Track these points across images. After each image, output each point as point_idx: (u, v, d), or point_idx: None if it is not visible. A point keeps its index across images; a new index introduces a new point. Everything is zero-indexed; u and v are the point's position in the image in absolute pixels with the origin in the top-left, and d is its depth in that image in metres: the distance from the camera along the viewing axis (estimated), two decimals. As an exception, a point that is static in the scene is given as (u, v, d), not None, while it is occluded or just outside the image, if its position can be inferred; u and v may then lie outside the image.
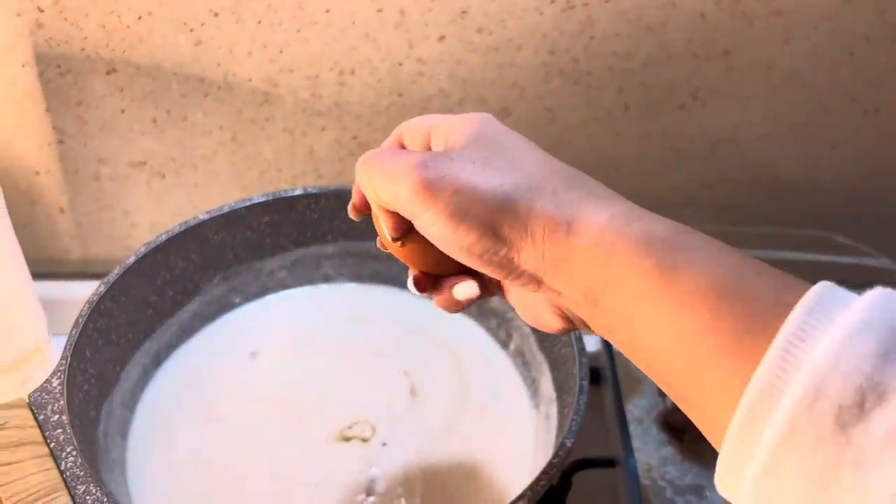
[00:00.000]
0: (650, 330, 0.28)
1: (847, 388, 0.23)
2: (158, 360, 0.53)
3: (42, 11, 0.55)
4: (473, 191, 0.31)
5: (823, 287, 0.25)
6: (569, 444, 0.41)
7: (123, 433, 0.49)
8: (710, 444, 0.54)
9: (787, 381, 0.23)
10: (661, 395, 0.56)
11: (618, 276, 0.29)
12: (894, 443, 0.22)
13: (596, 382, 0.51)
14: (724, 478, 0.26)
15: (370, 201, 0.35)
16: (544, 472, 0.40)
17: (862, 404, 0.23)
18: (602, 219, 0.30)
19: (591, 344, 0.52)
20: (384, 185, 0.32)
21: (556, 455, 0.41)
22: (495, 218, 0.30)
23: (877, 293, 0.25)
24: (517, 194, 0.31)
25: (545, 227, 0.30)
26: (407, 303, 0.58)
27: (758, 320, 0.25)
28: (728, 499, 0.26)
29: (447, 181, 0.31)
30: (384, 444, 0.50)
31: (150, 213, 0.66)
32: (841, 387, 0.23)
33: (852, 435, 0.22)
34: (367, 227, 0.57)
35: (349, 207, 0.38)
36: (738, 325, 0.25)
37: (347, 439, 0.50)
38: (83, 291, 0.48)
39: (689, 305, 0.27)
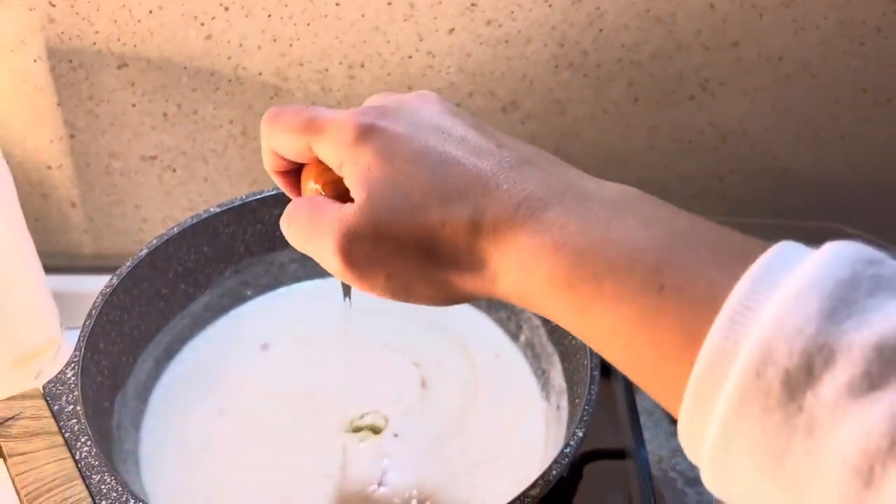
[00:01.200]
0: (591, 336, 0.27)
1: (792, 351, 0.22)
2: (171, 352, 0.54)
3: (54, 6, 0.55)
4: (406, 268, 0.29)
5: (773, 253, 0.24)
6: (580, 434, 0.42)
7: (136, 424, 0.50)
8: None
9: (735, 352, 0.22)
10: (672, 386, 0.56)
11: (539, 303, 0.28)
12: (845, 406, 0.21)
13: (606, 375, 0.51)
14: (687, 450, 0.25)
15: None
16: (556, 462, 0.40)
17: (810, 368, 0.22)
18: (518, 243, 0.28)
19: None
20: (307, 247, 0.32)
21: (567, 445, 0.41)
22: (439, 274, 0.29)
23: (827, 248, 0.23)
24: (449, 239, 0.29)
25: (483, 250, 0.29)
26: (417, 295, 0.58)
27: (699, 317, 0.24)
28: (692, 459, 0.26)
29: (379, 265, 0.29)
30: (396, 436, 0.50)
31: (161, 207, 0.66)
32: (786, 351, 0.22)
33: (802, 401, 0.22)
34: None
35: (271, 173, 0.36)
36: (676, 346, 0.24)
37: (359, 430, 0.50)
38: (95, 285, 0.49)
39: (612, 344, 0.26)
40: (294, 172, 0.35)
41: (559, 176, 0.29)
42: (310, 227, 0.31)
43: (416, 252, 0.29)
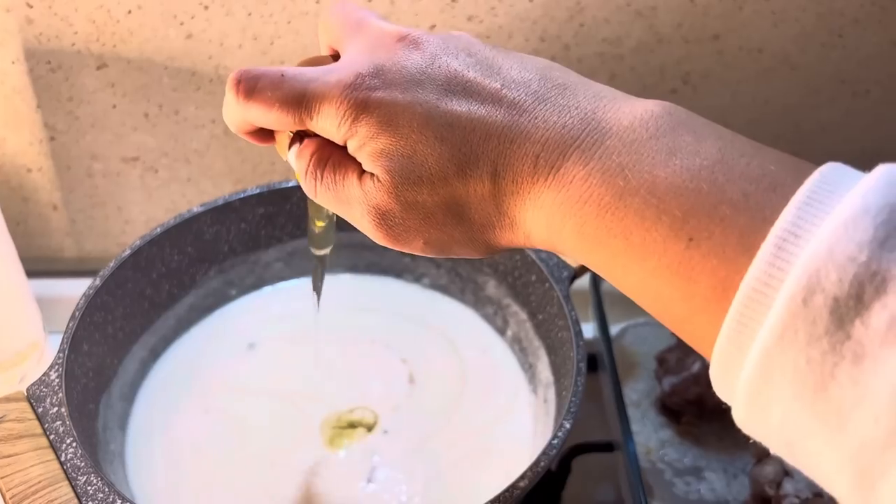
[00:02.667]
0: (623, 287, 0.27)
1: (843, 279, 0.21)
2: (156, 353, 0.53)
3: (31, 7, 0.55)
4: (440, 233, 0.29)
5: (820, 177, 0.23)
6: (568, 426, 0.42)
7: (122, 426, 0.49)
8: (707, 426, 0.55)
9: (780, 279, 0.22)
10: (658, 379, 0.56)
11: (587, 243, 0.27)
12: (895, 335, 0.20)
13: (592, 369, 0.51)
14: (718, 388, 0.25)
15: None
16: (544, 454, 0.40)
17: (860, 296, 0.21)
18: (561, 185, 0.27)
19: (588, 331, 0.52)
20: (338, 208, 0.31)
21: (555, 437, 0.41)
22: (477, 234, 0.29)
23: (879, 171, 0.22)
24: (486, 197, 0.28)
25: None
26: (403, 292, 0.58)
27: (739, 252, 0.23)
28: (724, 399, 0.25)
29: (413, 233, 0.29)
30: (385, 432, 0.50)
31: (143, 209, 0.66)
32: (836, 279, 0.21)
33: (850, 329, 0.21)
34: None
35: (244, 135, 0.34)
36: (707, 298, 0.24)
37: (348, 426, 0.50)
38: (78, 289, 0.48)
39: (643, 295, 0.26)
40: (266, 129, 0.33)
41: (573, 110, 0.27)
42: (340, 198, 0.30)
43: (446, 218, 0.29)
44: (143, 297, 0.52)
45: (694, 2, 0.57)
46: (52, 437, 0.40)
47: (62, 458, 0.39)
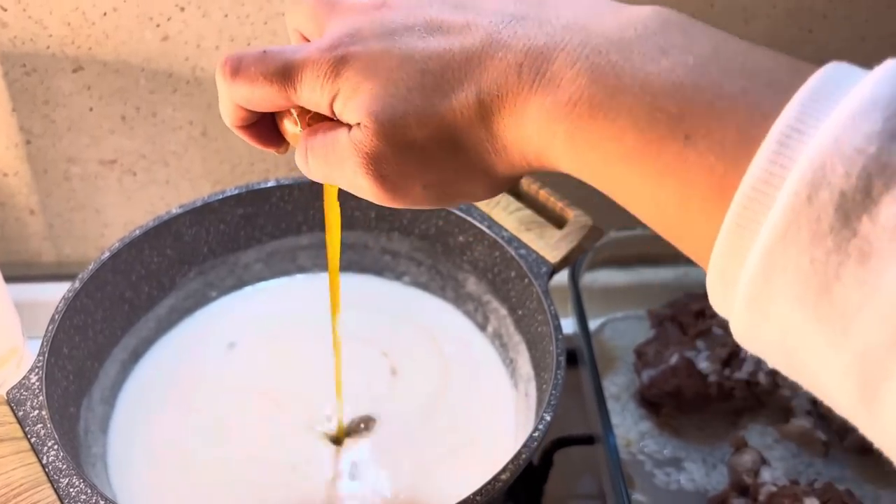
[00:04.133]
0: (617, 196, 0.26)
1: (850, 172, 0.20)
2: (136, 354, 0.53)
3: (5, 10, 0.54)
4: (438, 172, 0.28)
5: (824, 73, 0.22)
6: (548, 418, 0.42)
7: (104, 428, 0.49)
8: (686, 417, 0.56)
9: (782, 177, 0.21)
10: (637, 372, 0.57)
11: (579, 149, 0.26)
12: None
13: (572, 363, 0.52)
14: (715, 298, 0.24)
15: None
16: (525, 447, 0.41)
17: (868, 190, 0.20)
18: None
19: (567, 326, 0.52)
20: (334, 179, 0.31)
21: (535, 429, 0.42)
22: (479, 173, 0.28)
23: (888, 65, 0.21)
24: (480, 134, 0.27)
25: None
26: (383, 290, 0.58)
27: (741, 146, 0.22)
28: (719, 311, 0.24)
29: (410, 178, 0.29)
30: (365, 427, 0.50)
31: (122, 212, 0.66)
32: (843, 172, 0.20)
33: (857, 226, 0.20)
34: (342, 218, 0.57)
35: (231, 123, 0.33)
36: (704, 200, 0.23)
37: (345, 435, 0.50)
38: (57, 293, 0.48)
39: (638, 201, 0.25)
40: (261, 122, 0.33)
41: (554, 21, 0.26)
42: (330, 160, 0.30)
43: (441, 152, 0.28)
44: (123, 300, 0.52)
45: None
46: (33, 440, 0.40)
47: (44, 461, 0.39)
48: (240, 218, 0.55)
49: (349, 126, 0.29)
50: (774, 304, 0.21)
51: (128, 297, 0.52)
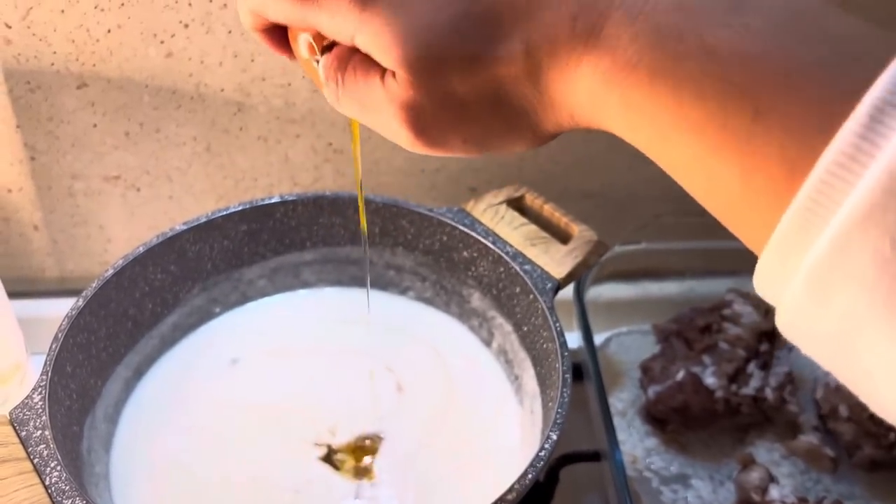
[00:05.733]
0: (670, 166, 0.24)
1: None
2: (140, 372, 0.53)
3: (9, 28, 0.54)
4: (479, 125, 0.26)
5: None
6: (554, 437, 0.42)
7: (107, 447, 0.49)
8: (693, 434, 0.55)
9: (871, 154, 0.19)
10: (643, 387, 0.56)
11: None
12: None
13: (577, 378, 0.51)
14: (765, 281, 0.22)
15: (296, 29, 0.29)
16: (531, 466, 0.41)
17: None
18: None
19: (573, 340, 0.52)
20: (368, 123, 0.28)
21: (542, 448, 0.41)
22: (515, 122, 0.26)
23: None
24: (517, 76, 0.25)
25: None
26: (388, 304, 0.58)
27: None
28: (766, 297, 0.23)
29: (449, 131, 0.26)
30: (371, 445, 0.50)
31: (125, 228, 0.66)
32: None
33: None
34: (345, 233, 0.57)
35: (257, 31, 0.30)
36: (770, 178, 0.21)
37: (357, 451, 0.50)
38: (60, 309, 0.48)
39: (693, 174, 0.23)
40: (278, 27, 0.30)
41: None
42: (365, 105, 0.27)
43: (483, 107, 0.26)
44: (127, 317, 0.51)
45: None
46: (36, 460, 0.40)
47: (47, 482, 0.39)
48: (243, 234, 0.55)
49: (382, 72, 0.26)
50: (841, 289, 0.20)
51: (131, 315, 0.52)
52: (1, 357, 0.54)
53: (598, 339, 0.58)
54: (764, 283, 0.22)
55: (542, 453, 0.41)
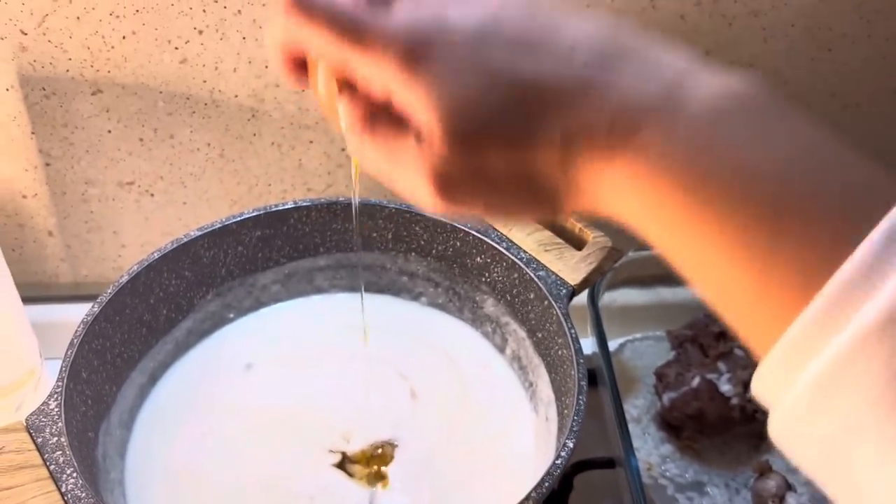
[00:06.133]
0: (685, 268, 0.25)
1: None
2: (154, 378, 0.53)
3: (25, 34, 0.55)
4: (504, 200, 0.27)
5: None
6: (571, 445, 0.42)
7: (122, 453, 0.49)
8: (708, 441, 0.55)
9: (886, 272, 0.20)
10: (658, 394, 0.56)
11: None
12: None
13: (592, 384, 0.51)
14: (765, 382, 0.23)
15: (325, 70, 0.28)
16: (548, 474, 0.40)
17: None
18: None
19: (587, 346, 0.52)
20: (388, 175, 0.28)
21: (558, 456, 0.41)
22: (543, 188, 0.27)
23: None
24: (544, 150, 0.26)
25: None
26: (401, 310, 0.58)
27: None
28: (763, 397, 0.23)
29: (475, 198, 0.27)
30: (385, 452, 0.50)
31: (139, 234, 0.66)
32: None
33: None
34: (359, 238, 0.57)
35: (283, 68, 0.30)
36: (786, 291, 0.22)
37: (371, 460, 0.50)
38: (74, 314, 0.48)
39: (707, 278, 0.24)
40: (302, 59, 0.30)
41: (651, 73, 0.25)
42: (392, 162, 0.28)
43: (509, 184, 0.27)
44: (142, 323, 0.51)
45: (684, 19, 0.58)
46: (52, 467, 0.40)
47: (63, 489, 0.39)
48: (257, 240, 0.55)
49: (416, 129, 0.27)
50: (844, 397, 0.21)
51: (146, 321, 0.52)
52: (16, 363, 0.54)
53: (613, 345, 0.58)
54: (764, 384, 0.23)
55: (559, 461, 0.41)
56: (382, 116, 0.28)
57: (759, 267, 0.23)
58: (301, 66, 0.30)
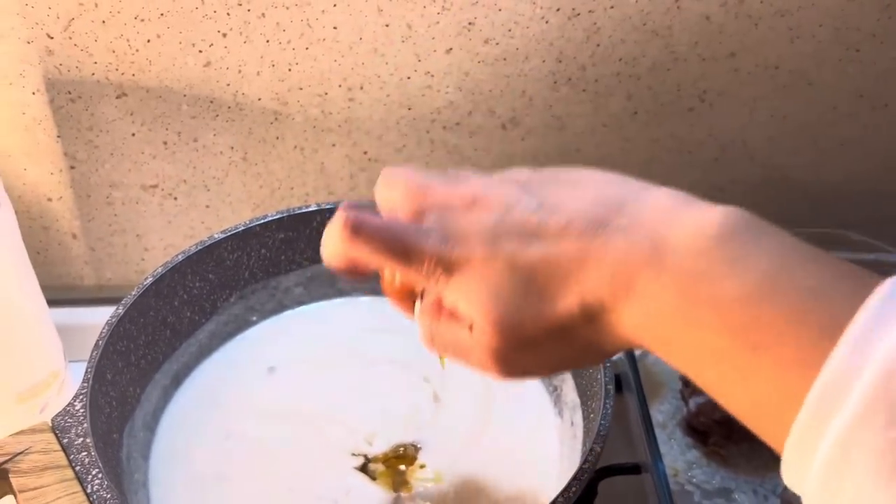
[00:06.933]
0: (699, 383, 0.29)
1: None
2: (178, 380, 0.53)
3: (51, 38, 0.55)
4: (555, 359, 0.32)
5: (889, 287, 0.25)
6: (598, 450, 0.41)
7: (145, 455, 0.49)
8: (735, 447, 0.54)
9: (860, 369, 0.23)
10: (684, 399, 0.55)
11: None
12: None
13: (618, 389, 0.51)
14: (789, 471, 0.26)
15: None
16: (575, 479, 0.40)
17: None
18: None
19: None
20: (457, 358, 0.34)
21: (585, 461, 0.41)
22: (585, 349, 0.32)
23: None
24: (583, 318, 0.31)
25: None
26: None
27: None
28: (794, 488, 0.26)
29: (530, 365, 0.33)
30: (409, 454, 0.50)
31: (162, 236, 0.66)
32: None
33: None
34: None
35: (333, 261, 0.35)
36: (772, 404, 0.26)
37: (394, 462, 0.49)
38: (97, 317, 0.48)
39: (713, 392, 0.28)
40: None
41: (636, 227, 0.30)
42: (457, 349, 0.34)
43: (555, 344, 0.32)
44: (166, 325, 0.52)
45: (710, 20, 0.57)
46: (77, 468, 0.40)
47: (88, 490, 0.39)
48: (280, 242, 0.55)
49: (469, 322, 0.32)
50: (849, 480, 0.23)
51: (170, 322, 0.52)
52: (40, 365, 0.54)
53: (638, 349, 0.58)
54: (790, 477, 0.26)
55: (586, 465, 0.40)
56: (444, 314, 0.34)
57: (746, 388, 0.27)
58: (354, 270, 0.35)
